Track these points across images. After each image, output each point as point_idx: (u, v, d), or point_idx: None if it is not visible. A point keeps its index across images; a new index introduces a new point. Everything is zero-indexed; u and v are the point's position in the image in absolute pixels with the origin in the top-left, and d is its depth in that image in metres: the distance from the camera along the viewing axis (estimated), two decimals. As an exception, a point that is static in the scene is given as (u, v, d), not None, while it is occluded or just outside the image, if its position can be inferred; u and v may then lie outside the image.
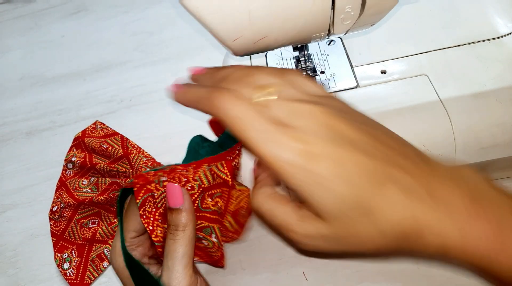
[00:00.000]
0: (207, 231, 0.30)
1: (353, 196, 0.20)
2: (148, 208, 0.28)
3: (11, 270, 0.44)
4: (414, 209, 0.19)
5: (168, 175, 0.29)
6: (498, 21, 0.38)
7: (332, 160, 0.20)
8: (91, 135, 0.50)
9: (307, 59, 0.39)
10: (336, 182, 0.20)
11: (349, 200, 0.20)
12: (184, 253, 0.26)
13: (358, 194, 0.20)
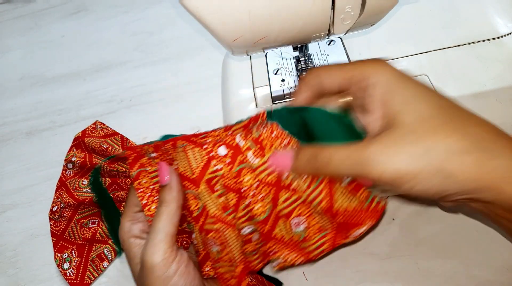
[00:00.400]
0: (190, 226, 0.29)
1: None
2: (144, 182, 0.28)
3: (11, 270, 0.44)
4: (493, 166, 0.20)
5: (156, 151, 0.29)
6: (498, 21, 0.38)
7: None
8: (91, 135, 0.50)
9: (307, 59, 0.39)
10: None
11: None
12: (162, 227, 0.27)
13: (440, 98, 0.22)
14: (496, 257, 0.35)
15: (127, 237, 0.29)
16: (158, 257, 0.26)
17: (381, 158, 0.22)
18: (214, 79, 0.51)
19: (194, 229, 0.29)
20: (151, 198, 0.29)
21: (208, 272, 0.29)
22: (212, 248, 0.29)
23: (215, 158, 0.27)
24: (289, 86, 0.38)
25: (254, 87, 0.39)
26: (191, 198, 0.28)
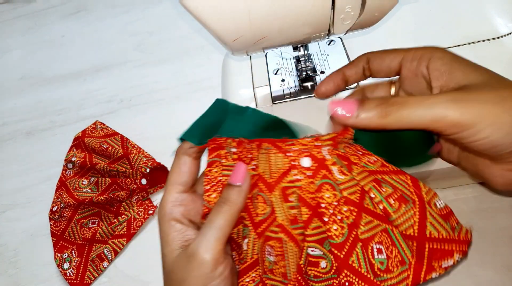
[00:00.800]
0: (244, 232, 0.28)
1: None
2: (215, 171, 0.28)
3: (11, 270, 0.44)
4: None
5: (237, 146, 0.28)
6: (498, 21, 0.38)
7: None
8: (91, 135, 0.50)
9: (307, 59, 0.39)
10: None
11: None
12: (221, 226, 0.26)
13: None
14: (496, 257, 0.35)
15: (167, 218, 0.27)
16: (211, 255, 0.25)
17: (462, 101, 0.22)
18: (214, 79, 0.51)
19: (249, 234, 0.28)
20: (214, 187, 0.28)
21: (246, 283, 0.28)
22: (267, 257, 0.27)
23: (297, 168, 0.26)
24: (289, 86, 0.38)
25: (254, 87, 0.39)
26: (260, 201, 0.27)
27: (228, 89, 0.40)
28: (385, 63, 0.29)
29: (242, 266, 0.28)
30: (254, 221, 0.28)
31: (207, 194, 0.28)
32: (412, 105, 0.23)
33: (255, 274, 0.28)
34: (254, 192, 0.28)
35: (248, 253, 0.27)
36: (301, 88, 0.38)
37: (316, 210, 0.25)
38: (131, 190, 0.44)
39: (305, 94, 0.37)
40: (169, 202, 0.28)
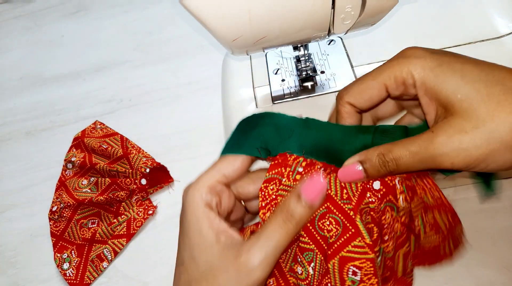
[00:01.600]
0: (308, 256, 0.26)
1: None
2: (271, 189, 0.27)
3: (11, 270, 0.44)
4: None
5: (305, 167, 0.27)
6: (498, 21, 0.38)
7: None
8: (90, 135, 0.50)
9: (307, 59, 0.39)
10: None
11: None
12: (281, 245, 0.24)
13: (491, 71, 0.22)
14: (496, 257, 0.35)
15: (202, 203, 0.24)
16: (265, 273, 0.23)
17: (448, 149, 0.22)
18: (214, 79, 0.51)
19: (315, 258, 0.26)
20: (268, 206, 0.27)
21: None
22: (349, 278, 0.26)
23: (370, 190, 0.26)
24: (289, 86, 0.38)
25: (254, 87, 0.39)
26: (329, 221, 0.26)
27: (228, 89, 0.40)
28: (365, 97, 0.26)
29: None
30: (320, 243, 0.26)
31: (262, 212, 0.27)
32: (406, 162, 0.23)
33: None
34: (320, 211, 0.26)
35: (315, 276, 0.26)
36: (301, 88, 0.38)
37: (382, 229, 0.26)
38: (131, 190, 0.44)
39: (305, 94, 0.37)
40: (206, 187, 0.25)
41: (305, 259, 0.26)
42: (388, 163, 0.24)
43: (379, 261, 0.26)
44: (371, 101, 0.26)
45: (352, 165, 0.25)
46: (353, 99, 0.26)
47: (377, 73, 0.25)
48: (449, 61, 0.23)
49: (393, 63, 0.24)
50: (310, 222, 0.26)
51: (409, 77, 0.23)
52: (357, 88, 0.26)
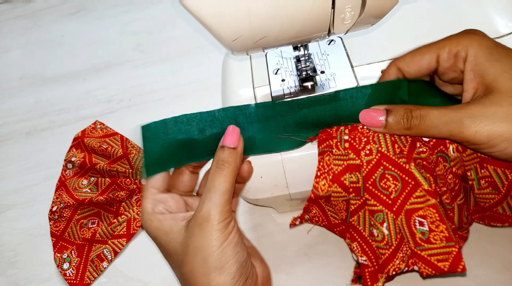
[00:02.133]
0: (379, 217, 0.28)
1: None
2: (327, 160, 0.30)
3: (10, 270, 0.44)
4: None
5: (350, 134, 0.29)
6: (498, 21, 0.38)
7: None
8: (90, 135, 0.50)
9: (307, 58, 0.39)
10: None
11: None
12: (226, 188, 0.27)
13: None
14: (496, 257, 0.35)
15: (153, 216, 0.28)
16: (223, 216, 0.26)
17: (478, 118, 0.23)
18: (214, 79, 0.51)
19: (386, 217, 0.27)
20: (324, 175, 0.30)
21: (398, 265, 0.27)
22: (419, 229, 0.27)
23: (420, 141, 0.28)
24: (289, 86, 0.38)
25: (254, 87, 0.39)
26: (389, 180, 0.28)
27: (228, 89, 0.40)
28: (416, 63, 0.28)
29: (388, 252, 0.27)
30: (386, 202, 0.27)
31: (316, 181, 0.30)
32: (432, 120, 0.25)
33: (402, 254, 0.27)
34: (378, 172, 0.28)
35: (391, 236, 0.27)
36: (301, 88, 0.38)
37: (435, 177, 0.28)
38: (131, 190, 0.44)
39: (305, 94, 0.37)
40: (148, 204, 0.29)
41: (377, 221, 0.28)
42: (412, 118, 0.25)
43: (441, 211, 0.26)
44: (419, 68, 0.28)
45: (378, 111, 0.27)
46: (403, 63, 0.28)
47: (433, 44, 0.27)
48: (504, 47, 0.24)
49: (452, 37, 0.26)
50: (371, 184, 0.28)
51: (463, 50, 0.25)
52: (411, 54, 0.28)
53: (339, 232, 0.33)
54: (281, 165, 0.33)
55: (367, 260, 0.29)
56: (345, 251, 0.38)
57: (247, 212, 0.42)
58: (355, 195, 0.29)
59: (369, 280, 0.29)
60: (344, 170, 0.29)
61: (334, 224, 0.33)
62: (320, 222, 0.34)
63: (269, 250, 0.39)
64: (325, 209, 0.33)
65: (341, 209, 0.31)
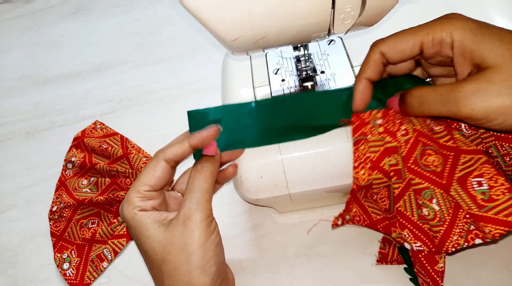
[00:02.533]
0: (427, 195, 0.27)
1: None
2: (362, 149, 0.29)
3: (10, 271, 0.44)
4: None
5: (383, 117, 0.29)
6: (498, 21, 0.38)
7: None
8: (90, 135, 0.50)
9: (307, 58, 0.39)
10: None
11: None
12: (207, 188, 0.29)
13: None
14: (496, 257, 0.35)
15: (136, 210, 0.29)
16: (205, 214, 0.28)
17: (472, 95, 0.24)
18: (214, 79, 0.51)
19: (434, 193, 0.27)
20: (362, 164, 0.30)
21: (457, 241, 0.27)
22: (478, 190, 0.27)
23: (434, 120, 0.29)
24: (289, 86, 0.38)
25: (254, 87, 0.39)
26: (431, 155, 0.28)
27: (228, 89, 0.40)
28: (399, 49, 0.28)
29: (443, 228, 0.27)
30: (431, 178, 0.27)
31: (355, 171, 0.30)
32: (430, 101, 0.26)
33: (459, 229, 0.27)
34: (418, 150, 0.28)
35: (443, 211, 0.27)
36: (301, 88, 0.38)
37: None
38: (131, 190, 0.44)
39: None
40: (134, 197, 0.29)
41: (425, 199, 0.27)
42: (413, 99, 0.27)
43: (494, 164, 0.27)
44: (402, 55, 0.28)
45: (395, 97, 0.29)
46: (386, 48, 0.28)
47: (416, 30, 0.27)
48: (488, 26, 0.25)
49: (434, 23, 0.26)
50: (413, 163, 0.28)
51: (448, 37, 0.25)
52: (394, 39, 0.28)
53: (383, 228, 0.33)
54: (281, 165, 0.33)
55: (422, 245, 0.28)
56: (345, 251, 0.38)
57: (247, 212, 0.42)
58: (397, 178, 0.29)
59: (427, 264, 0.29)
60: (381, 155, 0.29)
61: (377, 221, 0.33)
62: (362, 221, 0.34)
63: (269, 250, 0.39)
64: (365, 206, 0.33)
65: (384, 197, 0.31)
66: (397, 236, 0.30)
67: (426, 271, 0.29)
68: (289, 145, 0.33)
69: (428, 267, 0.29)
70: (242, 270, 0.38)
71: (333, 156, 0.33)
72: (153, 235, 0.28)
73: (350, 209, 0.33)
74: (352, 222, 0.34)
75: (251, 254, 0.39)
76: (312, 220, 0.40)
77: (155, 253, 0.28)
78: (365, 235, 0.38)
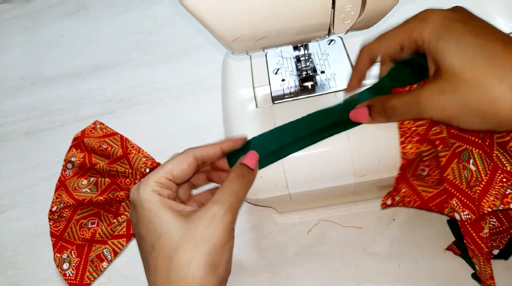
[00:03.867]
0: (465, 156, 0.28)
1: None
2: (407, 123, 0.30)
3: (10, 271, 0.44)
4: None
5: None
6: (499, 21, 0.38)
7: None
8: (90, 135, 0.50)
9: (307, 58, 0.39)
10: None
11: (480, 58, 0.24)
12: (240, 197, 0.29)
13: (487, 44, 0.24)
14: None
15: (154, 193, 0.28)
16: (233, 218, 0.28)
17: (429, 104, 0.26)
18: (214, 79, 0.51)
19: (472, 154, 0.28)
20: (409, 139, 0.30)
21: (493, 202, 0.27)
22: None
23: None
24: (289, 86, 0.38)
25: (254, 87, 0.39)
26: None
27: (228, 89, 0.40)
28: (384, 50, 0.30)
29: (479, 188, 0.27)
30: (472, 141, 0.28)
31: (402, 146, 0.31)
32: (400, 112, 0.29)
33: (495, 191, 0.27)
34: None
35: (480, 171, 0.27)
36: (301, 87, 0.38)
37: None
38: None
39: (305, 94, 0.37)
40: (153, 181, 0.29)
41: (464, 161, 0.28)
42: (387, 110, 0.29)
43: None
44: (387, 54, 0.31)
45: (363, 108, 0.31)
46: (373, 49, 0.31)
47: (395, 33, 0.29)
48: (453, 29, 0.25)
49: (409, 25, 0.28)
50: (456, 128, 0.28)
51: (419, 37, 0.27)
52: (378, 44, 0.30)
53: (436, 206, 0.32)
54: (281, 165, 0.33)
55: (469, 213, 0.28)
56: (345, 251, 0.38)
57: (247, 212, 0.42)
58: (444, 146, 0.29)
59: (473, 232, 0.29)
60: (428, 127, 0.30)
61: (428, 199, 0.32)
62: (413, 202, 0.33)
63: (269, 250, 0.39)
64: (414, 185, 0.33)
65: (433, 167, 0.31)
66: (449, 211, 0.30)
67: (472, 239, 0.29)
68: (289, 145, 0.33)
69: (474, 234, 0.29)
70: (242, 270, 0.38)
71: (333, 156, 0.33)
72: (171, 221, 0.27)
73: (399, 189, 0.33)
74: (402, 203, 0.34)
75: (251, 254, 0.39)
76: (312, 220, 0.40)
77: (170, 239, 0.27)
78: (365, 235, 0.38)
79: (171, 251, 0.26)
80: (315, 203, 0.40)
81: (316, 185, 0.34)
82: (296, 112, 0.35)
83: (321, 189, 0.34)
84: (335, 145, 0.33)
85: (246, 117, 0.36)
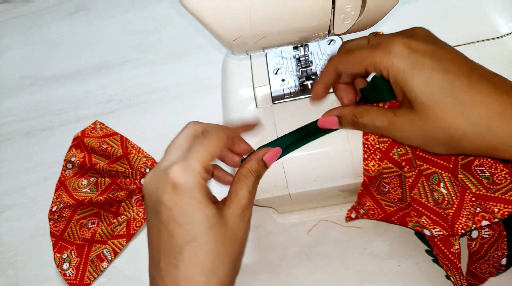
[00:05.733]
0: (434, 179, 0.29)
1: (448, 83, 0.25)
2: (371, 140, 0.31)
3: (10, 271, 0.44)
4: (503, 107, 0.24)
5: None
6: (499, 21, 0.38)
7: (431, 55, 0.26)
8: (90, 135, 0.50)
9: (307, 58, 0.39)
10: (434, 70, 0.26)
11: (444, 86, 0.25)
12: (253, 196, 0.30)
13: (453, 81, 0.25)
14: (496, 257, 0.35)
15: (200, 178, 0.26)
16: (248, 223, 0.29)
17: (400, 132, 0.28)
18: (214, 79, 0.51)
19: (441, 178, 0.29)
20: (372, 156, 0.31)
21: (465, 223, 0.28)
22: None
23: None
24: (289, 86, 0.38)
25: (254, 87, 0.39)
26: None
27: (228, 89, 0.40)
28: (349, 71, 0.31)
29: (452, 211, 0.28)
30: (439, 163, 0.29)
31: (365, 163, 0.31)
32: (370, 126, 0.30)
33: (467, 212, 0.28)
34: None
35: (451, 194, 0.29)
36: (301, 87, 0.38)
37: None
38: (131, 190, 0.44)
39: (305, 94, 0.37)
40: (203, 168, 0.26)
41: (434, 183, 0.29)
42: (358, 125, 0.31)
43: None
44: (352, 74, 0.32)
45: (331, 117, 0.32)
46: (339, 69, 0.31)
47: (362, 58, 0.29)
48: (421, 66, 0.26)
49: (376, 54, 0.28)
50: (420, 151, 0.29)
51: (385, 70, 0.28)
52: (345, 62, 0.30)
53: (398, 219, 0.33)
54: (281, 165, 0.33)
55: (441, 229, 0.29)
56: (345, 251, 0.38)
57: (247, 212, 0.42)
58: (409, 167, 0.30)
59: (444, 247, 0.30)
60: (390, 145, 0.30)
61: (391, 213, 0.33)
62: (376, 215, 0.34)
63: (269, 250, 0.39)
64: (378, 199, 0.33)
65: (395, 186, 0.32)
66: (414, 225, 0.31)
67: (443, 254, 0.30)
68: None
69: (445, 250, 0.30)
70: (242, 270, 0.38)
71: (333, 156, 0.33)
72: (214, 215, 0.26)
73: (363, 203, 0.34)
74: (366, 215, 0.34)
75: (251, 254, 0.39)
76: (312, 220, 0.40)
77: (216, 235, 0.26)
78: (365, 235, 0.38)
79: (194, 235, 0.26)
80: (315, 203, 0.40)
81: (316, 185, 0.34)
82: (296, 112, 0.35)
83: (321, 189, 0.34)
84: (335, 145, 0.33)
85: (246, 117, 0.36)
